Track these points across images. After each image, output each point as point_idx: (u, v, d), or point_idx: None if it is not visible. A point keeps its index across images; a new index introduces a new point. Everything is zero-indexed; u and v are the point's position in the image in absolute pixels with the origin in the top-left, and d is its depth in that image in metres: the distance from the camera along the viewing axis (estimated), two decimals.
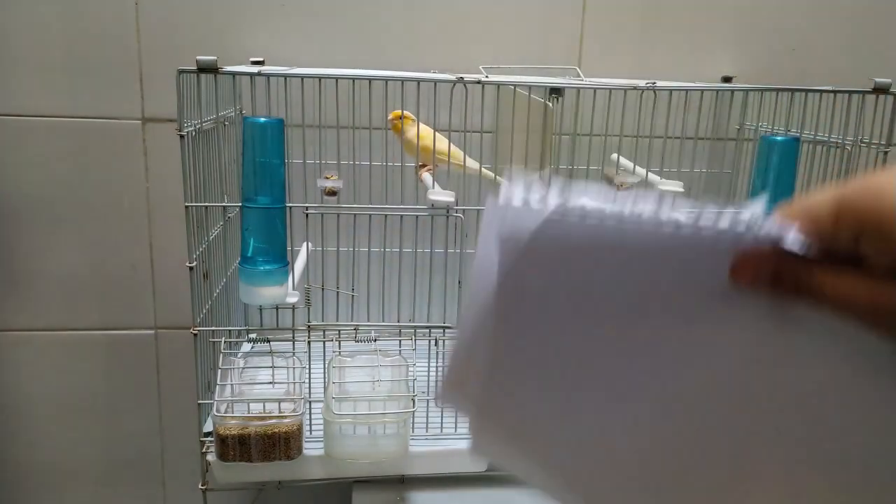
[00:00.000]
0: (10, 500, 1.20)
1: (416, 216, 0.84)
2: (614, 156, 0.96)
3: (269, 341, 0.85)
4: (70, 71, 1.05)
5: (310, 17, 1.06)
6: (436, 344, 0.87)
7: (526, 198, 0.31)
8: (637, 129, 0.88)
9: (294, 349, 0.84)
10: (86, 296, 1.13)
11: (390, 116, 0.90)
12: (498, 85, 0.85)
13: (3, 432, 1.18)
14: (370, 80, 0.83)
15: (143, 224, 1.11)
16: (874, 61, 1.16)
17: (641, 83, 0.86)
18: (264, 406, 0.81)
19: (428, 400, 0.89)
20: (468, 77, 0.81)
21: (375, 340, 0.87)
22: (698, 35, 1.12)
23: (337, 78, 0.81)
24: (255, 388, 0.85)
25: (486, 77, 0.82)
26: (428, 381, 0.87)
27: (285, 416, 0.80)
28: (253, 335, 0.94)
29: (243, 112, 1.01)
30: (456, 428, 0.90)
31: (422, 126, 0.87)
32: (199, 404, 0.85)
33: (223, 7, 1.05)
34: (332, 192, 0.84)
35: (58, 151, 1.08)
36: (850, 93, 0.89)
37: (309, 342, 0.85)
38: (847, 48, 1.15)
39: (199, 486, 0.86)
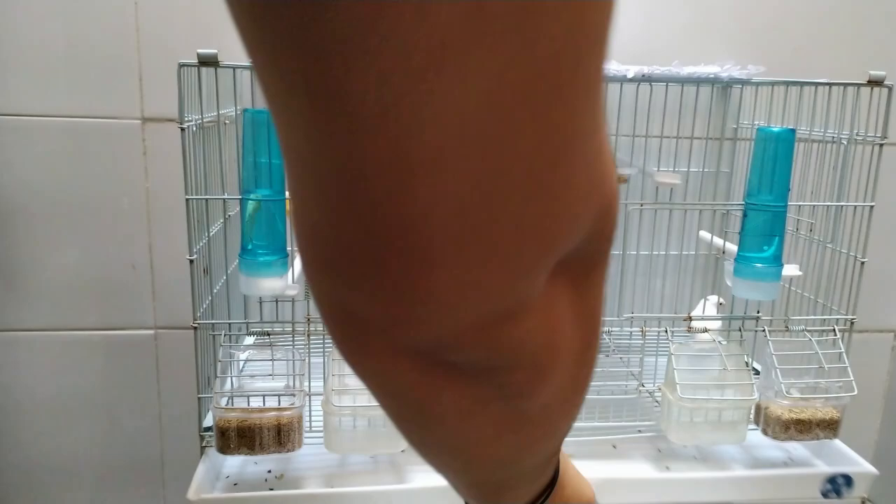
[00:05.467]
0: (10, 501, 1.20)
1: None
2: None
3: (268, 334, 0.85)
4: (69, 70, 1.06)
5: None
6: None
7: None
8: (633, 128, 0.88)
9: (294, 342, 0.84)
10: (85, 295, 1.13)
11: None
12: None
13: (2, 432, 1.17)
14: None
15: (142, 224, 1.12)
16: (869, 54, 1.17)
17: (631, 72, 0.87)
18: (264, 399, 0.81)
19: None
20: None
21: None
22: (697, 35, 1.13)
23: None
24: (255, 381, 0.85)
25: None
26: None
27: (285, 409, 0.80)
28: (253, 329, 0.94)
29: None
30: None
31: None
32: (199, 398, 0.85)
33: (223, 7, 1.06)
34: None
35: (57, 151, 1.08)
36: (846, 85, 0.89)
37: (309, 335, 0.85)
38: (842, 42, 1.16)
39: None
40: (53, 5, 1.04)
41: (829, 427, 0.89)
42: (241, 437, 0.79)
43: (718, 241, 1.00)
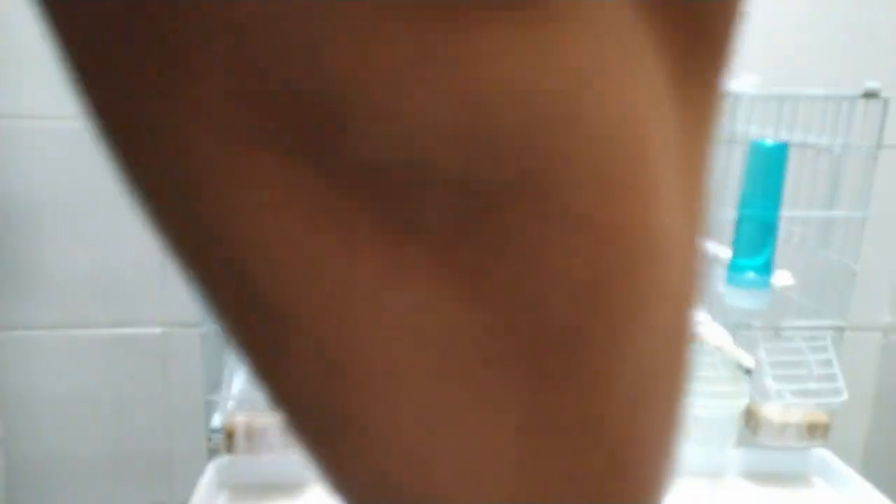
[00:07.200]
0: (18, 499, 1.22)
1: None
2: None
3: None
4: None
5: None
6: None
7: None
8: None
9: None
10: (92, 294, 1.15)
11: None
12: None
13: (11, 430, 1.19)
14: None
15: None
16: (864, 66, 1.18)
17: None
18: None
19: None
20: None
21: None
22: None
23: None
24: None
25: None
26: None
27: None
28: None
29: None
30: None
31: None
32: (207, 401, 0.87)
33: None
34: None
35: (65, 151, 1.09)
36: (841, 98, 0.91)
37: None
38: (837, 53, 1.17)
39: None
40: None
41: (820, 430, 0.92)
42: (248, 439, 0.81)
43: (710, 245, 1.02)
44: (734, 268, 0.88)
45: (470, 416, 0.12)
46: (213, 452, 0.87)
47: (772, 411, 0.91)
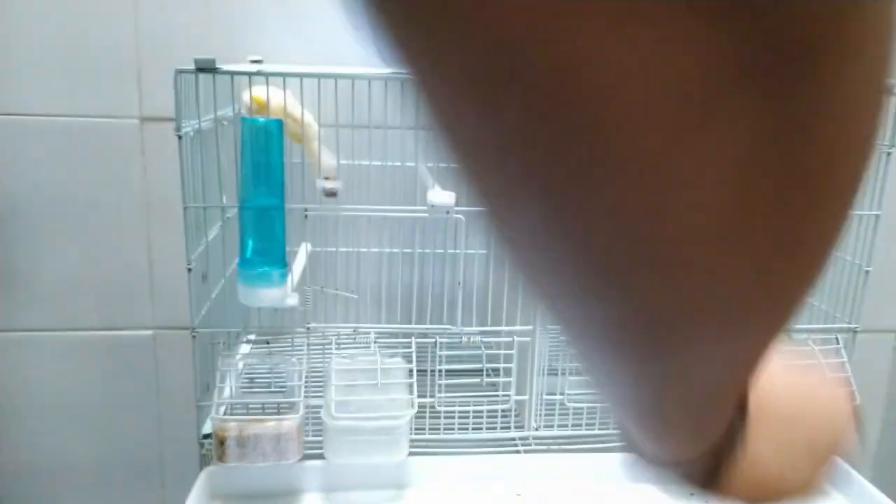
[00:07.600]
0: (8, 501, 1.20)
1: (416, 217, 0.83)
2: None
3: (268, 343, 0.84)
4: (68, 70, 1.04)
5: (309, 17, 1.06)
6: (436, 345, 0.87)
7: None
8: None
9: (293, 350, 0.84)
10: (84, 296, 1.13)
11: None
12: None
13: (1, 432, 1.17)
14: (370, 79, 0.82)
15: (141, 223, 1.11)
16: None
17: None
18: (263, 408, 0.81)
19: (428, 403, 0.88)
20: None
21: (375, 342, 0.87)
22: None
23: (336, 77, 0.80)
24: (254, 389, 0.84)
25: None
26: (428, 384, 0.87)
27: (284, 419, 0.80)
28: (252, 336, 0.94)
29: (242, 112, 1.00)
30: (456, 431, 0.89)
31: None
32: (198, 406, 0.84)
33: (222, 5, 1.04)
34: (332, 193, 0.83)
35: (55, 151, 1.07)
36: None
37: (308, 344, 0.85)
38: None
39: None
40: (51, 4, 1.02)
41: None
42: (239, 446, 0.79)
43: None
44: None
45: (705, 130, 0.14)
46: (204, 460, 0.84)
47: None
